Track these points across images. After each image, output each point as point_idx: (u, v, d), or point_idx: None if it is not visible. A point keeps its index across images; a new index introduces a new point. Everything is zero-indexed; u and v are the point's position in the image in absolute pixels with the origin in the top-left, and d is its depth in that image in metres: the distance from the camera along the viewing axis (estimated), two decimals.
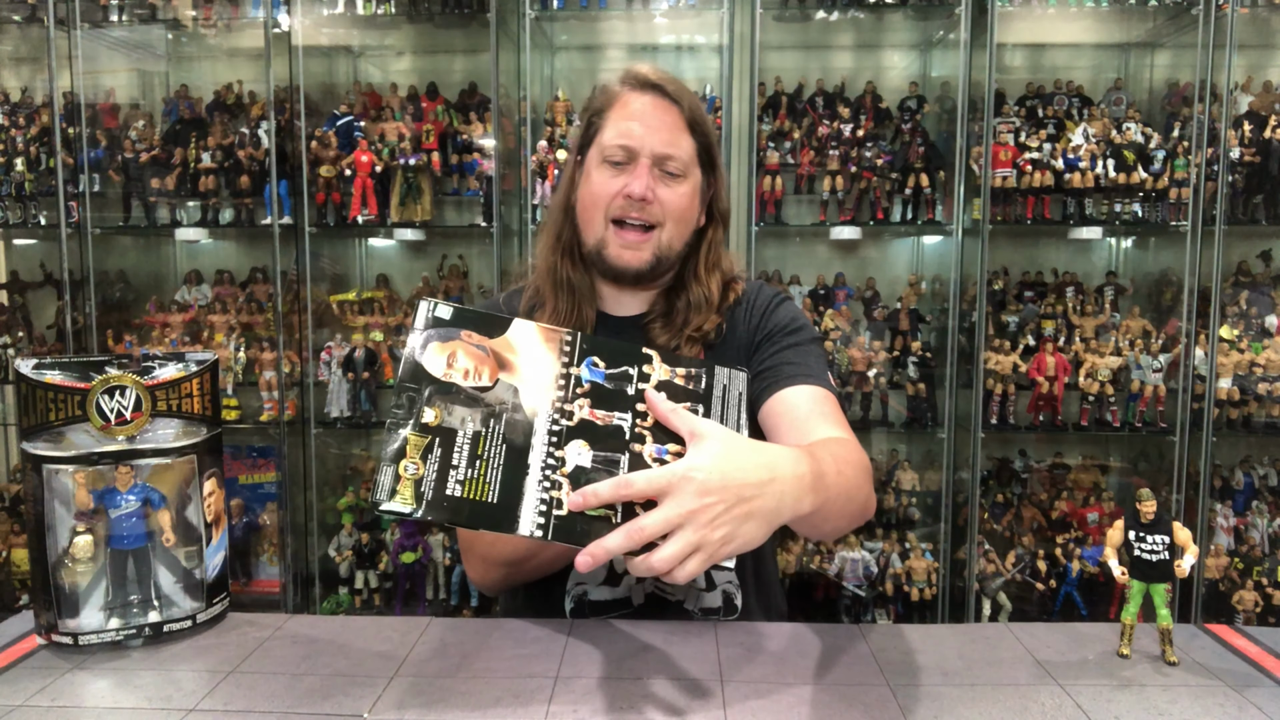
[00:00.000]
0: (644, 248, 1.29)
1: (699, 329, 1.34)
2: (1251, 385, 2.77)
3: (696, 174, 1.33)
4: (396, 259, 3.25)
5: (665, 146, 1.28)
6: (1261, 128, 2.77)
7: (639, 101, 1.30)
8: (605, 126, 1.31)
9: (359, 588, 2.95)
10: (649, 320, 1.36)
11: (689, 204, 1.32)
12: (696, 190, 1.33)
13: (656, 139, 1.28)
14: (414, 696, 0.98)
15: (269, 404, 2.91)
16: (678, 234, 1.32)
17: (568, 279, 1.35)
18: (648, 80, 1.31)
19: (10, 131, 3.02)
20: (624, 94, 1.31)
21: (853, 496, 1.06)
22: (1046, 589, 2.81)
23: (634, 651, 1.09)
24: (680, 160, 1.29)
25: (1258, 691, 0.98)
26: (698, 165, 1.33)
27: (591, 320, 1.35)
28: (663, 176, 1.29)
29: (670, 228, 1.30)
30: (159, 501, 1.15)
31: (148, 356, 1.17)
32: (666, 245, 1.31)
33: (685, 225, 1.33)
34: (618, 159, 1.29)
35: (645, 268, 1.31)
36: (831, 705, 0.95)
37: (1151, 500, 1.04)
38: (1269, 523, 2.86)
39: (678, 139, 1.29)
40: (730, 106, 2.79)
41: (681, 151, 1.29)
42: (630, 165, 1.28)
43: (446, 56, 3.16)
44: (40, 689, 1.00)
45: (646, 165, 1.28)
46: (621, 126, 1.29)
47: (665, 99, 1.30)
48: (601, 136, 1.31)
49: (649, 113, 1.29)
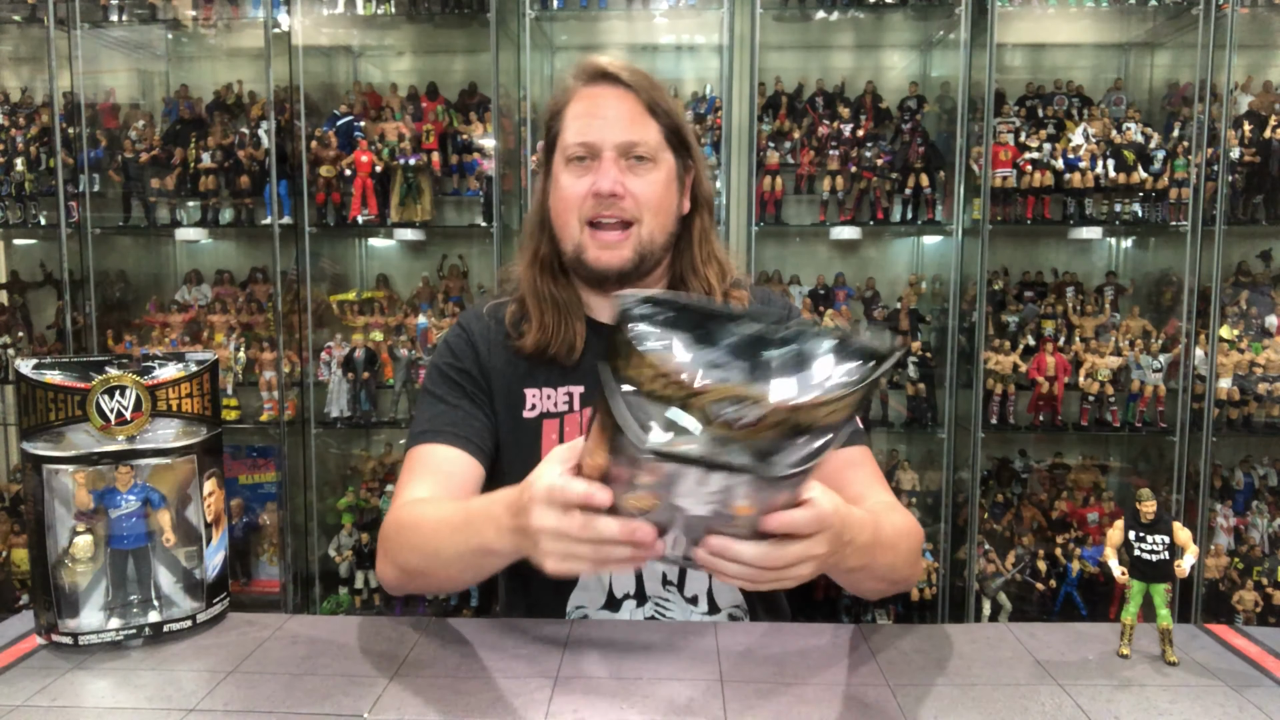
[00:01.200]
0: (623, 246, 1.24)
1: None
2: (1251, 385, 2.77)
3: (669, 158, 1.27)
4: (396, 259, 3.25)
5: (627, 134, 1.22)
6: (1261, 128, 2.77)
7: (593, 94, 1.25)
8: (564, 128, 1.26)
9: (359, 588, 2.94)
10: None
11: (664, 191, 1.25)
12: (672, 176, 1.27)
13: (617, 129, 1.22)
14: (414, 696, 0.98)
15: (269, 404, 2.91)
16: (658, 225, 1.26)
17: (550, 294, 1.30)
18: (598, 70, 1.25)
19: (10, 131, 3.02)
20: (577, 90, 1.26)
21: (896, 567, 1.12)
22: (1046, 589, 2.81)
23: (634, 651, 1.09)
24: (647, 145, 1.23)
25: (1258, 691, 0.98)
26: (668, 149, 1.26)
27: (581, 333, 1.30)
28: (632, 166, 1.23)
29: (649, 220, 1.24)
30: (159, 501, 1.15)
31: (148, 356, 1.17)
32: (648, 240, 1.25)
33: (665, 215, 1.27)
34: (581, 156, 1.23)
35: (628, 266, 1.25)
36: (831, 705, 0.95)
37: (1151, 500, 1.04)
38: (1269, 523, 2.86)
39: (639, 125, 1.23)
40: (730, 106, 2.79)
41: (647, 136, 1.23)
42: (595, 162, 1.23)
43: (446, 56, 3.16)
44: (40, 689, 1.00)
45: (612, 158, 1.22)
46: (578, 124, 1.24)
47: (619, 86, 1.24)
48: (562, 138, 1.26)
49: (605, 104, 1.23)
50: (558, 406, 1.30)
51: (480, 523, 1.00)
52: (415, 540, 1.12)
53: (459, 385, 1.30)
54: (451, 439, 1.26)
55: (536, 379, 1.31)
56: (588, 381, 1.30)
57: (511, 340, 1.31)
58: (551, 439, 1.29)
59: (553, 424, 1.30)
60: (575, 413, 1.30)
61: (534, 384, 1.31)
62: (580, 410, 1.30)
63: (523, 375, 1.31)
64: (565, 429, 1.30)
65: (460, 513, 1.06)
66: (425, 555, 1.10)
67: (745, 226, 2.84)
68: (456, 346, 1.33)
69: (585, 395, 1.30)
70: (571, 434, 1.29)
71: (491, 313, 1.36)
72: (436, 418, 1.28)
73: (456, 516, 1.06)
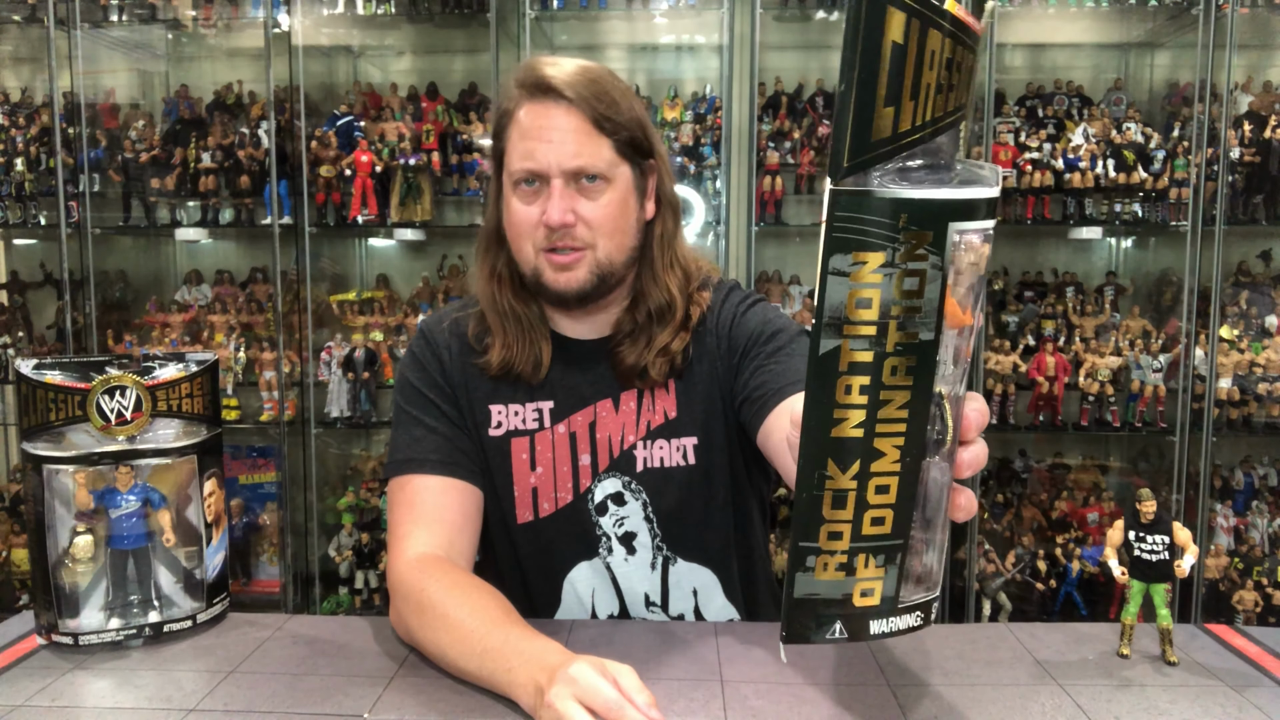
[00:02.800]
0: (578, 267, 1.16)
1: (666, 348, 1.21)
2: (1251, 385, 2.77)
3: (623, 172, 1.18)
4: (396, 259, 3.25)
5: (574, 160, 1.13)
6: (1261, 128, 2.77)
7: (536, 111, 1.15)
8: (508, 147, 1.17)
9: (359, 588, 2.94)
10: (616, 343, 1.23)
11: (618, 212, 1.17)
12: (629, 189, 1.19)
13: (563, 153, 1.13)
14: (414, 696, 0.97)
15: (269, 404, 2.91)
16: (616, 246, 1.18)
17: (511, 308, 1.23)
18: (539, 83, 1.15)
19: (10, 131, 3.01)
20: (521, 103, 1.16)
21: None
22: (1046, 589, 2.81)
23: (634, 652, 1.08)
24: (596, 166, 1.14)
25: (1258, 691, 0.98)
26: (623, 161, 1.17)
27: (548, 351, 1.24)
28: (583, 189, 1.15)
29: (604, 243, 1.16)
30: (159, 501, 1.15)
31: (148, 357, 1.17)
32: (605, 261, 1.17)
33: (623, 234, 1.19)
34: (529, 180, 1.15)
35: (588, 288, 1.17)
36: (831, 705, 0.95)
37: (1151, 500, 1.04)
38: (1269, 523, 2.86)
39: (587, 145, 1.14)
40: (730, 106, 2.79)
41: (595, 159, 1.14)
42: (544, 187, 1.15)
43: (446, 56, 3.16)
44: (40, 689, 1.00)
45: (559, 186, 1.14)
46: (523, 147, 1.15)
47: (563, 103, 1.14)
48: (508, 158, 1.17)
49: (550, 124, 1.14)
50: (526, 424, 1.25)
51: (507, 661, 0.94)
52: (436, 634, 1.03)
53: (434, 404, 1.24)
54: (439, 467, 1.20)
55: (502, 395, 1.25)
56: (557, 395, 1.25)
57: (475, 357, 1.25)
58: (522, 458, 1.24)
59: (522, 442, 1.24)
60: (546, 430, 1.24)
61: (499, 400, 1.25)
62: (551, 427, 1.24)
63: (488, 392, 1.25)
64: (536, 447, 1.24)
65: (493, 635, 0.98)
66: (441, 650, 1.02)
67: (745, 226, 2.84)
68: (424, 357, 1.28)
69: (555, 410, 1.25)
70: (544, 452, 1.24)
71: (452, 328, 1.29)
72: (417, 443, 1.22)
73: (490, 636, 0.97)
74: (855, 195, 0.48)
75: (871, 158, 0.48)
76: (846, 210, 0.48)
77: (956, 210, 0.48)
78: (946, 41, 0.48)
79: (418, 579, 1.09)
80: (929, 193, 0.48)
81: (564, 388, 1.25)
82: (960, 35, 0.49)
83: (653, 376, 1.21)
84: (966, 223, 0.49)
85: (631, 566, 1.25)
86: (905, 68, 0.47)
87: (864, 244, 0.48)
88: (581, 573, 1.27)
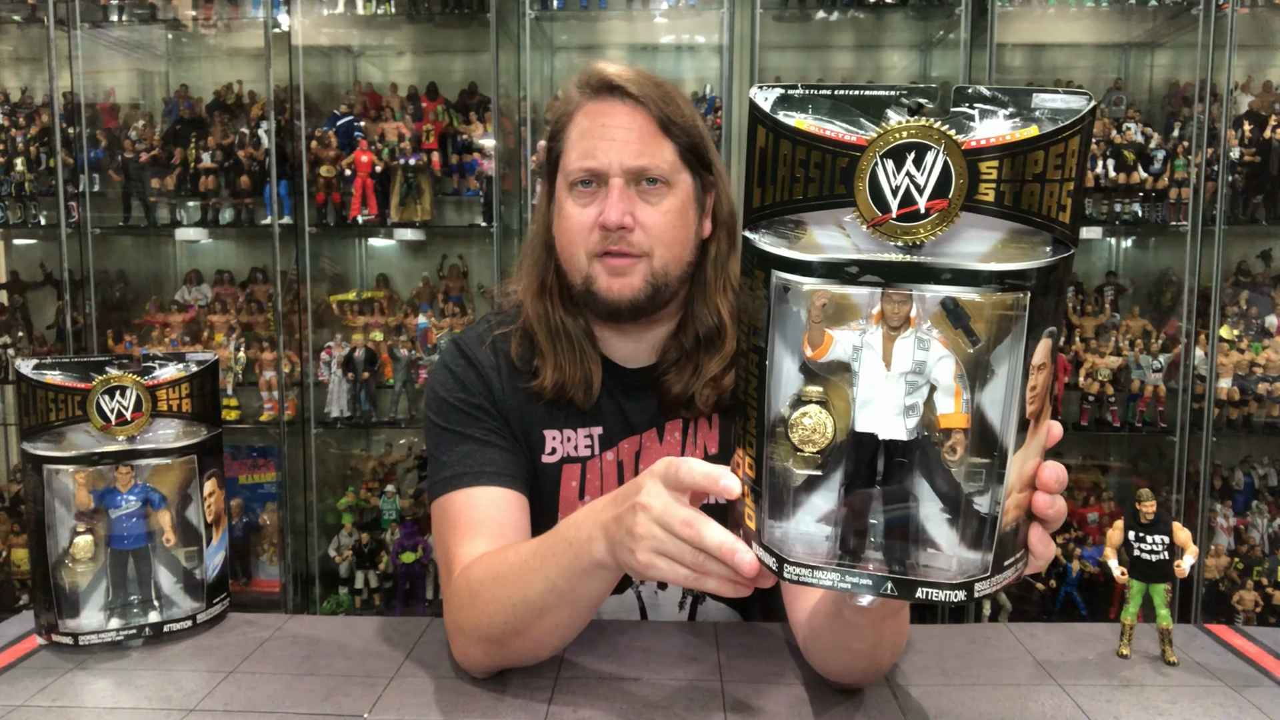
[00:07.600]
0: (632, 274, 1.11)
1: (714, 379, 1.16)
2: (1251, 385, 2.77)
3: (685, 180, 1.14)
4: (396, 259, 3.25)
5: (637, 158, 1.09)
6: (1261, 128, 2.76)
7: (598, 110, 1.12)
8: (566, 148, 1.13)
9: (359, 588, 2.94)
10: (661, 372, 1.19)
11: (678, 220, 1.13)
12: (689, 200, 1.15)
13: (625, 152, 1.09)
14: (414, 696, 0.98)
15: (269, 404, 2.91)
16: (672, 258, 1.13)
17: (562, 326, 1.18)
18: (604, 82, 1.12)
19: (10, 131, 3.01)
20: (581, 104, 1.13)
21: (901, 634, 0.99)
22: (1046, 589, 2.81)
23: (634, 651, 1.08)
24: (660, 168, 1.11)
25: (1258, 691, 0.98)
26: (685, 169, 1.14)
27: (598, 373, 1.19)
28: (642, 192, 1.11)
29: (660, 253, 1.12)
30: (159, 501, 1.15)
31: (148, 357, 1.17)
32: (661, 271, 1.12)
33: (680, 246, 1.14)
34: (586, 181, 1.11)
35: (640, 298, 1.12)
36: (831, 705, 0.95)
37: (1151, 500, 1.04)
38: (1269, 523, 2.85)
39: (651, 146, 1.10)
40: (730, 106, 2.79)
41: (658, 159, 1.11)
42: (601, 189, 1.11)
43: (446, 56, 3.16)
44: (40, 689, 1.00)
45: (619, 186, 1.09)
46: (582, 146, 1.11)
47: (628, 101, 1.11)
48: (565, 160, 1.13)
49: (612, 123, 1.10)
50: (579, 451, 1.20)
51: (571, 530, 0.90)
52: (499, 594, 0.96)
53: (481, 421, 1.17)
54: (494, 479, 1.12)
55: (556, 420, 1.20)
56: (606, 422, 1.21)
57: (524, 379, 1.19)
58: (571, 486, 1.20)
59: (573, 469, 1.20)
60: (596, 458, 1.21)
61: (554, 425, 1.20)
62: (601, 454, 1.20)
63: (541, 416, 1.19)
64: (587, 475, 1.20)
65: (547, 536, 0.94)
66: (512, 607, 0.95)
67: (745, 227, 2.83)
68: (465, 378, 1.19)
69: (604, 437, 1.21)
70: (593, 481, 1.20)
71: (495, 345, 1.22)
72: (468, 457, 1.13)
73: (543, 543, 0.94)
74: (745, 238, 0.70)
75: (752, 217, 0.70)
76: (743, 246, 0.70)
77: (779, 263, 0.68)
78: (798, 149, 0.66)
79: (464, 579, 1.02)
80: (765, 247, 0.68)
81: (612, 414, 1.21)
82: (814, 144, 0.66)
83: (698, 407, 1.18)
84: (786, 273, 0.68)
85: (660, 600, 1.24)
86: (765, 163, 0.68)
87: (747, 270, 0.70)
88: (609, 605, 1.24)
